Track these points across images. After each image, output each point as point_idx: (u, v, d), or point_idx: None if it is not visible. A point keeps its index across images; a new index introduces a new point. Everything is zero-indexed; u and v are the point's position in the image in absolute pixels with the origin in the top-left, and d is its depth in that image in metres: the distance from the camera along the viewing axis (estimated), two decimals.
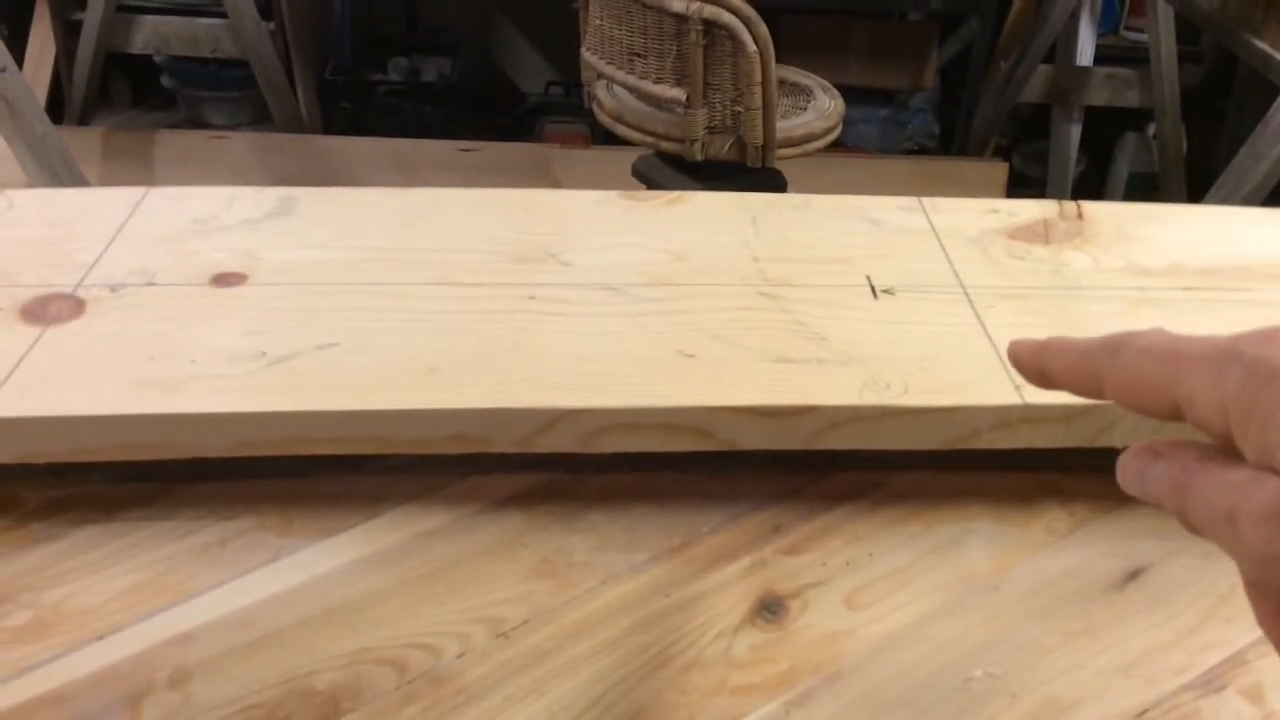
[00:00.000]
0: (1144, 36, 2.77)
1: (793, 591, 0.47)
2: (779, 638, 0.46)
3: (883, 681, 0.45)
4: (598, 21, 1.85)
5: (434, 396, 0.47)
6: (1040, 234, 0.59)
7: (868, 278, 0.55)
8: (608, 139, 2.99)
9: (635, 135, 1.89)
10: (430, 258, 0.57)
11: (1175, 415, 0.26)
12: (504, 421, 0.47)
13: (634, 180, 2.03)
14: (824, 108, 1.93)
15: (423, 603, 0.46)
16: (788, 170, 1.90)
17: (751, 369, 0.49)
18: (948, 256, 0.57)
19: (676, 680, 0.45)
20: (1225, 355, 0.25)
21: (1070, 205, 0.62)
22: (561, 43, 3.14)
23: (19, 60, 2.11)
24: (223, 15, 2.76)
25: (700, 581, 0.48)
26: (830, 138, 1.91)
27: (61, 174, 2.01)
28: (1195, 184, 2.62)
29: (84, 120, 2.86)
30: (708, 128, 1.81)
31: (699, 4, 1.68)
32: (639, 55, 1.80)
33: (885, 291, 0.54)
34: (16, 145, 1.98)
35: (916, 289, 0.55)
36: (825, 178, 2.64)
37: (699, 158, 1.83)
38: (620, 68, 1.83)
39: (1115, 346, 0.28)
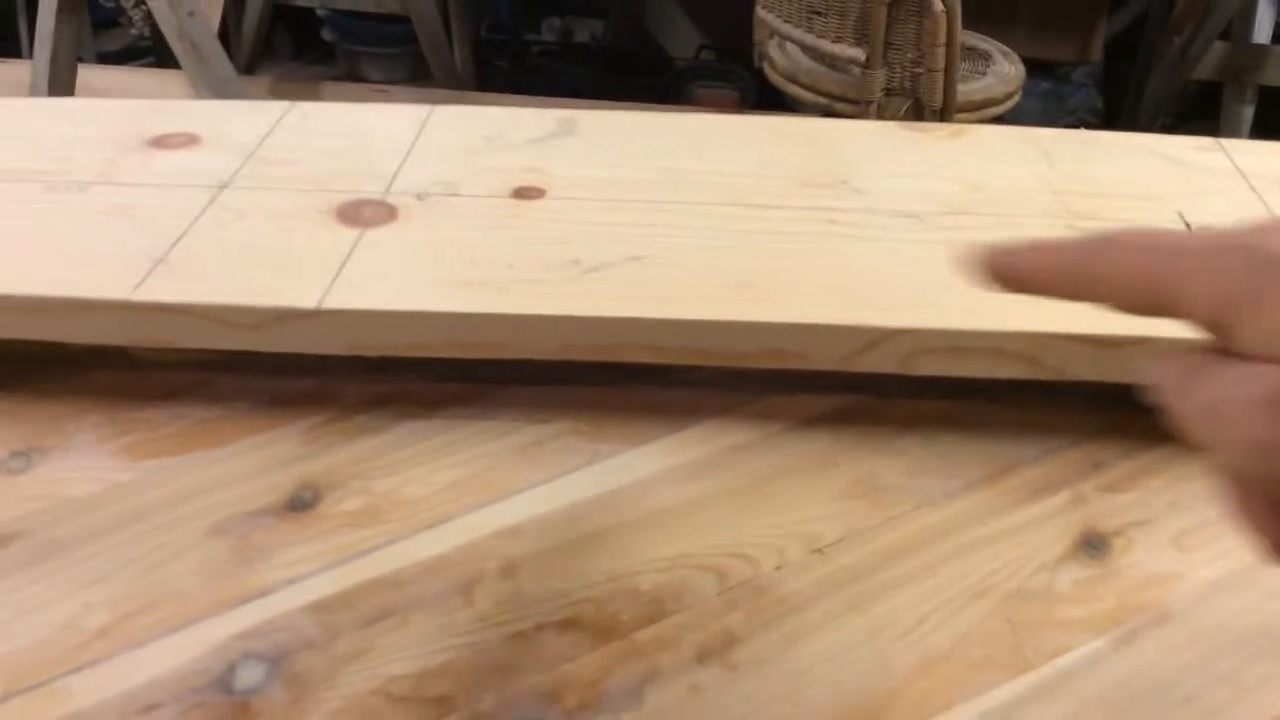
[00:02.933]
0: None
1: (1116, 529, 0.46)
2: (1103, 574, 0.45)
3: (1214, 626, 0.43)
4: None
5: (754, 309, 0.47)
6: None
7: (1180, 214, 0.53)
8: (757, 105, 2.97)
9: (808, 96, 1.87)
10: (719, 179, 0.57)
11: (1160, 311, 0.25)
12: (825, 338, 0.47)
13: None
14: (1004, 72, 1.88)
15: (737, 514, 0.46)
16: None
17: None
18: (1261, 198, 0.55)
19: (999, 609, 0.44)
20: (1225, 246, 0.24)
21: None
22: (714, 7, 3.12)
23: None
24: None
25: (1018, 513, 0.47)
26: (1010, 104, 1.86)
27: None
28: None
29: (249, 70, 2.95)
30: (885, 89, 1.78)
31: None
32: (818, 13, 1.78)
33: (1202, 229, 0.52)
34: (201, 88, 2.05)
35: None
36: None
37: (873, 120, 1.80)
38: (798, 26, 1.81)
39: (1103, 241, 0.26)
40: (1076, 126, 2.91)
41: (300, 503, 0.46)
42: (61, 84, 2.04)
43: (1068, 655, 0.43)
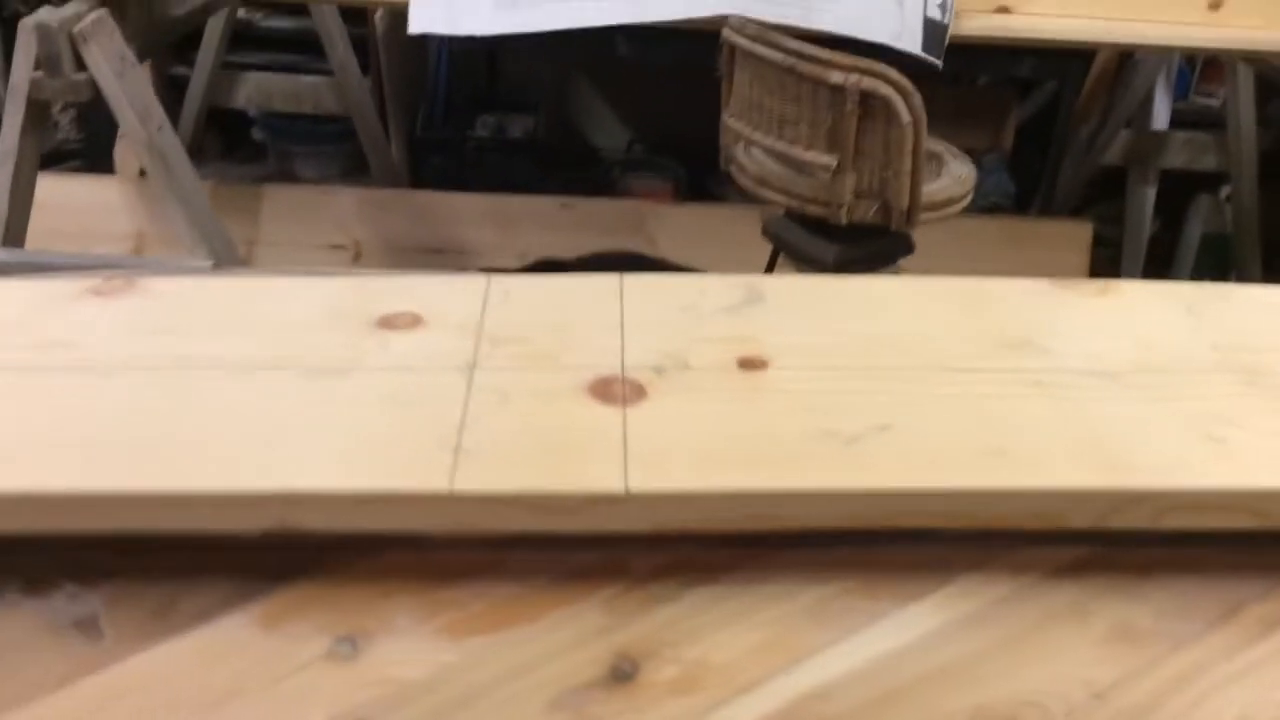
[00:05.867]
0: (1213, 101, 2.88)
1: None
2: None
3: None
4: (745, 90, 1.92)
5: (1012, 476, 0.52)
6: None
7: None
8: (690, 195, 3.08)
9: (780, 198, 1.95)
10: (912, 343, 0.62)
11: None
12: (1086, 501, 0.52)
13: (760, 239, 2.09)
14: (959, 173, 2.00)
15: (1016, 663, 0.51)
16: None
17: None
18: None
19: None
20: None
21: None
22: (641, 104, 3.23)
23: None
24: (324, 72, 2.83)
25: (1257, 648, 0.52)
26: (966, 201, 1.98)
27: (208, 227, 2.08)
28: (1269, 247, 2.72)
29: None
30: (855, 192, 1.88)
31: (857, 76, 1.75)
32: (790, 122, 1.87)
33: None
34: (169, 200, 2.04)
35: None
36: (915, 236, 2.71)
37: (844, 221, 1.89)
38: (769, 134, 1.90)
39: None
40: (991, 210, 3.08)
41: (622, 674, 0.49)
42: (22, 197, 2.01)
43: None
